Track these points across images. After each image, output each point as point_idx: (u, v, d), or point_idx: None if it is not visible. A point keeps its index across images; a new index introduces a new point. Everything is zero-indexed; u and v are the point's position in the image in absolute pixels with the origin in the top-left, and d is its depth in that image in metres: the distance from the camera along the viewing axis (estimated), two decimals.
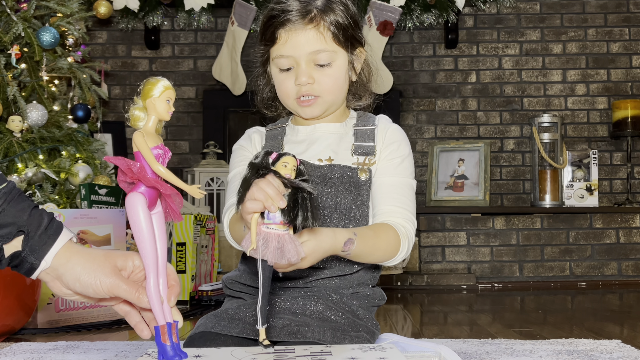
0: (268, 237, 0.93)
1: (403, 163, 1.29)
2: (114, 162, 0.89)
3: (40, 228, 0.92)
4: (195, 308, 2.52)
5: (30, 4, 2.57)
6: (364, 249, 1.14)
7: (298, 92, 1.27)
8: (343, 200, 1.25)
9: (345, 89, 1.32)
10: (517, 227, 3.56)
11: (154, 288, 0.91)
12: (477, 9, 3.85)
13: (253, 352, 0.97)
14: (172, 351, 0.91)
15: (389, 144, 1.30)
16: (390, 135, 1.31)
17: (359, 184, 1.26)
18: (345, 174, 1.26)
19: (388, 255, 1.21)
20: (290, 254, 0.94)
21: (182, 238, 2.63)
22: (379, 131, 1.31)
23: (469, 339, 1.78)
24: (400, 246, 1.21)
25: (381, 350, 0.98)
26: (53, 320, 2.03)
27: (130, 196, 0.88)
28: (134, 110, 0.88)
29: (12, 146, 2.43)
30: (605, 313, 2.39)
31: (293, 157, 0.96)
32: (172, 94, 0.88)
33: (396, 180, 1.27)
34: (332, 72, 1.26)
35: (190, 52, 3.92)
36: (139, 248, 0.90)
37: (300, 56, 1.24)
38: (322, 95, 1.27)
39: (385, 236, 1.20)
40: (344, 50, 1.28)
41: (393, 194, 1.26)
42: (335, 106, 1.32)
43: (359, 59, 1.33)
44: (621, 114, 3.70)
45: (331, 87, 1.27)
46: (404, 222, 1.24)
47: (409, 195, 1.27)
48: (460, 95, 3.88)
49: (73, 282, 0.93)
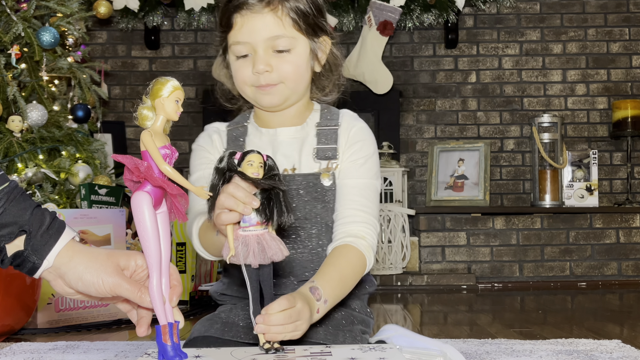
0: (247, 240, 0.92)
1: (366, 164, 1.24)
2: (122, 160, 0.88)
3: (42, 227, 0.92)
4: (195, 308, 2.52)
5: (30, 4, 2.57)
6: (333, 288, 1.10)
7: (256, 81, 1.21)
8: (312, 210, 1.22)
9: (307, 79, 1.25)
10: (517, 227, 3.56)
11: (157, 288, 0.90)
12: (477, 9, 3.85)
13: (253, 353, 0.97)
14: (173, 351, 0.91)
15: (353, 143, 1.25)
16: (354, 134, 1.26)
17: (324, 190, 1.22)
18: (310, 183, 1.22)
19: (358, 276, 1.18)
20: (272, 251, 0.92)
21: (182, 238, 2.63)
22: (342, 131, 1.26)
23: (469, 339, 1.78)
24: (366, 262, 1.18)
25: (381, 350, 0.98)
26: (53, 320, 2.03)
27: (136, 195, 0.88)
28: (143, 110, 0.88)
29: (12, 146, 2.43)
30: (605, 313, 2.39)
31: (258, 154, 0.94)
32: (181, 94, 0.88)
33: (358, 182, 1.23)
34: (292, 59, 1.20)
35: (190, 52, 3.92)
36: (143, 247, 0.89)
37: (257, 42, 1.18)
38: (284, 82, 1.21)
39: (346, 263, 1.15)
40: (305, 38, 1.21)
41: (354, 196, 1.22)
42: (296, 96, 1.25)
43: (323, 48, 1.26)
44: (621, 114, 3.70)
45: (291, 75, 1.20)
46: (364, 228, 1.20)
47: (371, 198, 1.23)
48: (460, 95, 3.88)
49: (75, 281, 0.93)
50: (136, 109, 0.89)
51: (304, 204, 1.22)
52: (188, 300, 2.59)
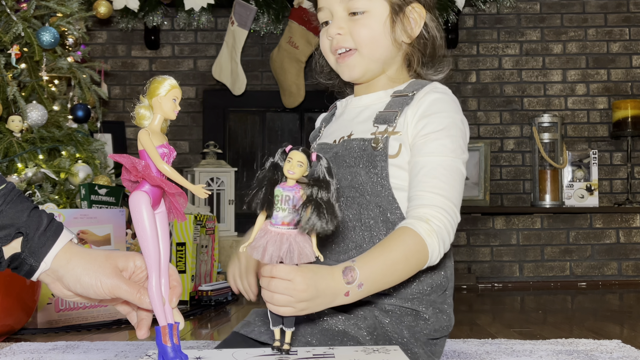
0: (270, 236, 0.89)
1: (441, 139, 1.08)
2: (119, 160, 0.87)
3: (40, 229, 0.91)
4: (195, 308, 2.52)
5: (30, 4, 2.57)
6: (373, 272, 0.97)
7: (331, 46, 1.14)
8: (357, 177, 1.10)
9: (386, 47, 1.14)
10: (517, 227, 3.56)
11: (156, 288, 0.89)
12: (477, 8, 3.85)
13: (255, 354, 0.95)
14: (173, 353, 0.90)
15: (426, 115, 1.09)
16: (428, 105, 1.10)
17: (373, 156, 1.09)
18: (359, 147, 1.11)
19: (413, 265, 1.02)
20: (295, 253, 0.88)
21: (182, 238, 2.63)
22: (415, 99, 1.12)
23: (469, 339, 1.78)
24: (427, 248, 1.02)
25: (385, 353, 0.96)
26: (53, 320, 2.03)
27: (134, 195, 0.87)
28: (140, 109, 0.87)
29: (12, 146, 2.43)
30: (605, 313, 2.38)
31: (299, 152, 0.88)
32: (178, 92, 0.87)
33: (430, 160, 1.07)
34: (367, 22, 1.12)
35: (190, 52, 3.91)
36: (141, 247, 0.88)
37: (332, 4, 1.13)
38: (358, 49, 1.13)
39: (397, 245, 1.01)
40: (385, 1, 1.13)
41: (423, 177, 1.06)
42: (375, 65, 1.16)
43: (414, 16, 1.15)
44: (621, 114, 3.70)
45: (365, 39, 1.12)
46: (430, 210, 1.04)
47: (445, 178, 1.06)
48: (460, 95, 3.88)
49: (74, 283, 0.91)
50: (134, 108, 0.89)
51: (350, 170, 1.11)
52: (188, 300, 2.59)
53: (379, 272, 0.98)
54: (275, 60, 3.70)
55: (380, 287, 1.01)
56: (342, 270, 0.96)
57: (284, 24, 3.73)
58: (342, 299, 0.96)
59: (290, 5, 3.68)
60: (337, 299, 0.95)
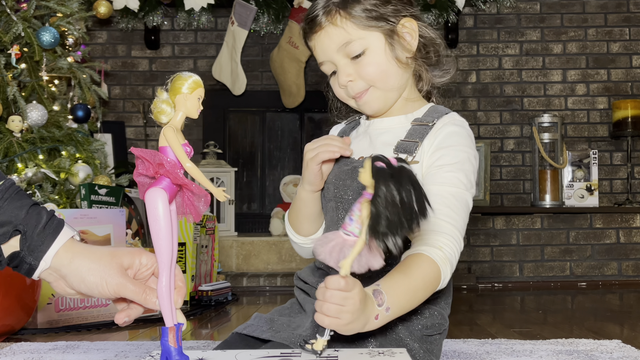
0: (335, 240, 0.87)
1: (455, 172, 1.12)
2: (142, 155, 0.84)
3: (38, 227, 0.89)
4: (195, 308, 2.52)
5: (30, 4, 2.57)
6: (398, 296, 0.99)
7: (348, 94, 1.19)
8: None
9: (397, 72, 1.18)
10: (517, 227, 3.56)
11: (166, 288, 0.87)
12: (477, 8, 3.85)
13: (258, 356, 0.95)
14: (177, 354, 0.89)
15: (442, 147, 1.14)
16: (443, 136, 1.15)
17: None
18: None
19: (430, 290, 1.06)
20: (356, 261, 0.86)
21: (182, 238, 2.63)
22: (433, 130, 1.16)
23: (469, 339, 1.78)
24: (440, 275, 1.06)
25: (390, 356, 0.95)
26: (53, 320, 2.03)
27: (151, 191, 0.84)
28: (162, 104, 0.84)
29: (12, 146, 2.43)
30: (605, 313, 2.38)
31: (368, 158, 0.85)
32: (202, 91, 0.85)
33: (443, 189, 1.11)
34: (369, 59, 1.15)
35: (190, 52, 3.91)
36: (154, 245, 0.86)
37: (331, 57, 1.17)
38: (372, 85, 1.17)
39: (418, 272, 1.03)
40: (377, 32, 1.16)
41: (436, 204, 1.06)
42: (393, 93, 1.19)
43: (408, 31, 1.19)
44: (621, 114, 3.70)
45: (375, 75, 1.16)
46: (442, 238, 1.07)
47: (456, 208, 1.10)
48: (460, 95, 3.88)
49: (78, 283, 0.89)
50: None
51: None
52: (188, 300, 2.59)
53: (403, 297, 1.00)
54: (275, 60, 3.71)
55: (403, 312, 1.02)
56: (372, 292, 0.96)
57: (284, 24, 3.74)
58: (373, 323, 0.95)
59: (290, 5, 3.68)
60: (369, 323, 0.95)
